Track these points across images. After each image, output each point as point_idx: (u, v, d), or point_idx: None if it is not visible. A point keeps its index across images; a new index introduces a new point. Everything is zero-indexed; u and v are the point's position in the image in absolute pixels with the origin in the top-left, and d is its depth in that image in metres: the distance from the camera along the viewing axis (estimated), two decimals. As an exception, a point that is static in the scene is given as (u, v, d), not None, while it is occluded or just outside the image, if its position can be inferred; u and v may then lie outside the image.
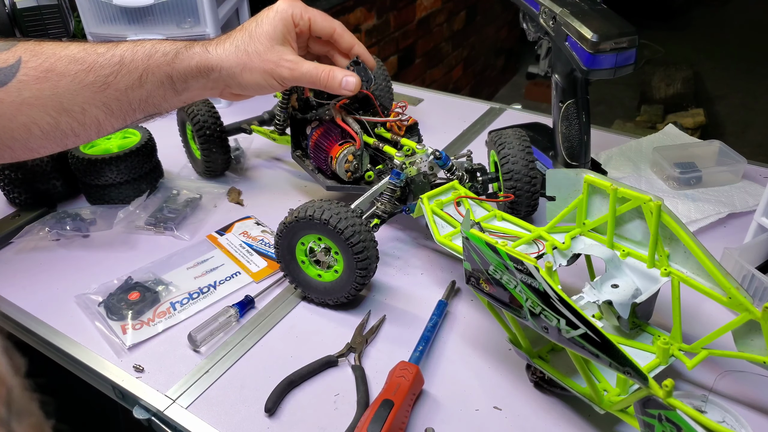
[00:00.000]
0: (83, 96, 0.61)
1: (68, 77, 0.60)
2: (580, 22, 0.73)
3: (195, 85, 0.66)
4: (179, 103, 0.68)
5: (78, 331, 0.70)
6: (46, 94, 0.60)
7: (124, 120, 0.66)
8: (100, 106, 0.63)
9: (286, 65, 0.66)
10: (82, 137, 0.64)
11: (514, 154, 0.75)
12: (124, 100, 0.64)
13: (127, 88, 0.63)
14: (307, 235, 0.67)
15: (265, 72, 0.66)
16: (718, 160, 0.93)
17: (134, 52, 0.63)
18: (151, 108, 0.66)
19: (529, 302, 0.50)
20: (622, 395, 0.51)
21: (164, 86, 0.65)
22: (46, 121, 0.61)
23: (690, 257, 0.57)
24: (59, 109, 0.61)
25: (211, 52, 0.65)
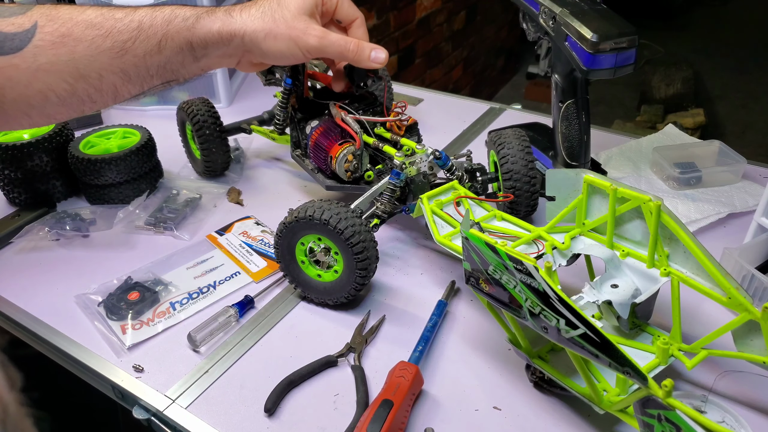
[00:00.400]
0: (100, 62, 0.60)
1: (85, 42, 0.59)
2: (580, 22, 0.73)
3: (215, 52, 0.65)
4: (197, 70, 0.66)
5: (78, 331, 0.70)
6: (63, 60, 0.59)
7: (141, 86, 0.64)
8: (117, 72, 0.61)
9: (313, 33, 0.65)
10: (99, 103, 0.63)
11: (513, 154, 0.75)
12: (142, 66, 0.62)
13: (146, 54, 0.62)
14: (307, 235, 0.67)
15: (290, 39, 0.65)
16: (718, 160, 0.93)
17: (153, 18, 0.62)
18: (169, 74, 0.65)
19: (528, 302, 0.50)
20: (621, 395, 0.51)
21: (183, 52, 0.63)
22: (62, 87, 0.60)
23: (690, 257, 0.57)
24: (76, 75, 0.60)
25: (234, 18, 0.64)
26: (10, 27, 0.57)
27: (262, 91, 1.25)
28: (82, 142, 0.91)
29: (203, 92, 1.19)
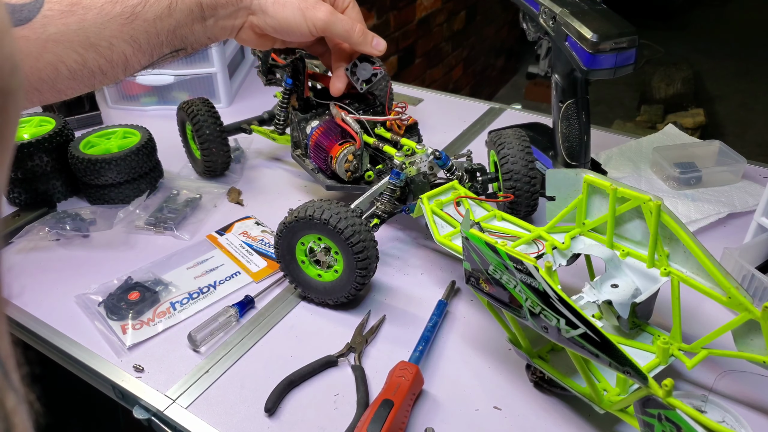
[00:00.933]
0: (110, 29, 0.59)
1: (94, 10, 0.58)
2: (580, 22, 0.73)
3: (222, 13, 0.64)
4: (204, 38, 0.66)
5: (78, 331, 0.70)
6: (72, 29, 0.58)
7: (151, 56, 0.64)
8: (127, 39, 0.61)
9: (322, 9, 0.65)
10: (110, 76, 0.63)
11: (513, 154, 0.75)
12: (152, 32, 0.62)
13: (156, 18, 0.61)
14: (307, 235, 0.67)
15: (299, 9, 0.65)
16: (718, 160, 0.93)
17: None
18: (179, 41, 0.64)
19: (528, 302, 0.50)
20: (621, 395, 0.51)
21: (193, 14, 0.63)
22: (73, 58, 0.59)
23: (690, 257, 0.57)
24: (86, 44, 0.59)
25: None
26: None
27: (263, 91, 1.25)
28: (83, 142, 0.91)
29: (203, 92, 1.19)
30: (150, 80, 1.17)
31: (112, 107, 1.22)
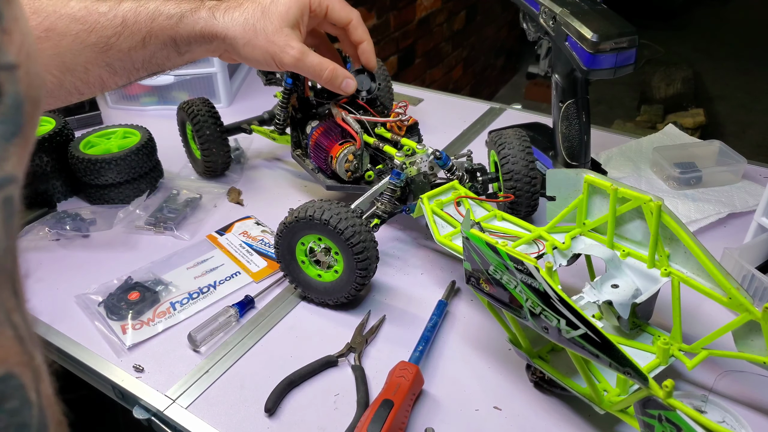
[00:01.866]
0: (85, 56, 0.60)
1: (69, 37, 0.59)
2: (580, 22, 0.73)
3: (198, 49, 0.66)
4: (182, 62, 0.67)
5: (78, 331, 0.70)
6: (48, 54, 0.59)
7: (128, 78, 0.65)
8: (103, 66, 0.62)
9: (290, 53, 0.65)
10: (87, 94, 0.64)
11: (514, 154, 0.75)
12: (128, 60, 0.63)
13: (130, 49, 0.62)
14: (307, 235, 0.67)
15: (267, 53, 0.65)
16: (718, 160, 0.93)
17: (137, 14, 0.62)
18: (155, 67, 0.66)
19: (529, 302, 0.50)
20: (622, 395, 0.51)
21: (167, 48, 0.64)
22: (49, 80, 0.60)
23: (690, 257, 0.57)
24: (62, 68, 0.60)
25: (217, 19, 0.64)
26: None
27: (263, 90, 1.25)
28: (83, 142, 0.91)
29: (203, 92, 1.19)
30: (150, 80, 1.17)
31: (112, 107, 1.22)
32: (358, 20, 0.72)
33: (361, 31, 0.72)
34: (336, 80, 0.69)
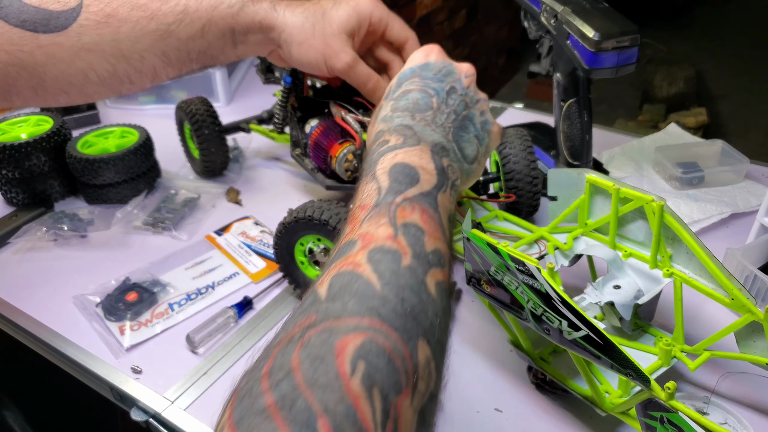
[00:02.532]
0: (143, 43, 0.61)
1: (129, 23, 0.59)
2: (582, 21, 0.73)
3: (253, 39, 0.66)
4: (234, 57, 0.67)
5: (75, 332, 0.69)
6: (106, 40, 0.59)
7: (180, 69, 0.65)
8: (159, 54, 0.62)
9: (344, 59, 0.65)
10: (137, 85, 0.64)
11: (515, 153, 0.75)
12: (183, 50, 0.63)
13: (188, 38, 0.62)
14: (307, 235, 0.67)
15: (322, 55, 0.65)
16: (721, 160, 0.93)
17: (199, 2, 0.62)
18: (208, 60, 0.66)
19: (530, 303, 0.49)
20: (623, 397, 0.51)
21: (225, 38, 0.64)
22: (103, 67, 0.60)
23: (692, 258, 0.56)
24: (118, 55, 0.60)
25: (278, 12, 0.65)
26: (56, 5, 0.58)
27: (261, 89, 1.24)
28: (80, 142, 0.91)
29: (202, 91, 1.19)
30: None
31: (109, 106, 1.22)
32: (414, 40, 0.71)
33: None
34: (378, 92, 0.69)
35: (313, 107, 0.84)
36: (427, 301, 0.36)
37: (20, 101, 0.60)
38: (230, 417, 0.30)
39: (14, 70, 0.57)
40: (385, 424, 0.30)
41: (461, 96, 0.55)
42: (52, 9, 0.57)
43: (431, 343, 0.35)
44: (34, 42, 0.57)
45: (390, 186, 0.43)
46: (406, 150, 0.47)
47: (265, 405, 0.29)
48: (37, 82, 0.59)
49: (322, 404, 0.29)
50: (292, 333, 0.33)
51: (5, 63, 0.56)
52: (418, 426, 0.33)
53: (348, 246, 0.39)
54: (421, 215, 0.41)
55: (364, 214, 0.42)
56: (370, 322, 0.33)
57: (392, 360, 0.32)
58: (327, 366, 0.30)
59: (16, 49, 0.56)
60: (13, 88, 0.58)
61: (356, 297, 0.34)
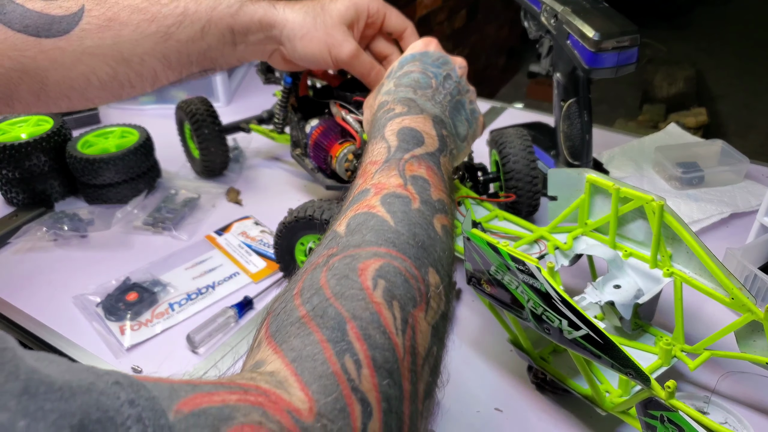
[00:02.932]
0: (144, 46, 0.61)
1: (130, 27, 0.60)
2: (582, 21, 0.73)
3: (253, 39, 0.66)
4: (234, 60, 0.68)
5: (76, 332, 0.69)
6: (108, 44, 0.60)
7: (180, 73, 0.66)
8: (159, 57, 0.63)
9: (348, 47, 0.67)
10: (138, 88, 0.65)
11: (515, 153, 0.75)
12: (184, 52, 0.64)
13: (188, 40, 0.63)
14: (307, 235, 0.67)
15: (325, 45, 0.66)
16: (721, 160, 0.93)
17: (198, 3, 0.63)
18: (208, 62, 0.66)
19: (530, 303, 0.49)
20: (624, 396, 0.51)
21: (224, 38, 0.65)
22: (104, 71, 0.61)
23: (692, 258, 0.56)
24: (119, 59, 0.61)
25: (277, 9, 0.66)
26: (58, 10, 0.58)
27: (262, 89, 1.24)
28: (80, 142, 0.91)
29: (202, 91, 1.19)
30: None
31: (110, 106, 1.22)
32: (412, 30, 0.72)
33: (414, 40, 0.72)
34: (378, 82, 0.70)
35: (313, 107, 0.84)
36: (435, 238, 0.41)
37: (22, 106, 0.61)
38: (267, 330, 0.34)
39: (17, 75, 0.58)
40: (404, 330, 0.34)
41: (455, 83, 0.59)
42: (54, 14, 0.58)
43: (439, 272, 0.40)
44: (37, 47, 0.57)
45: (399, 145, 0.48)
46: (411, 117, 0.51)
47: (300, 315, 0.33)
48: (40, 87, 0.59)
49: (349, 311, 0.33)
50: (317, 262, 0.38)
51: (8, 68, 0.57)
52: (432, 338, 0.37)
53: (362, 193, 0.44)
54: (427, 170, 0.46)
55: (375, 168, 0.46)
56: (386, 250, 0.38)
57: (407, 279, 0.37)
58: (352, 282, 0.35)
59: (18, 54, 0.57)
60: (15, 93, 0.59)
61: (373, 231, 0.39)
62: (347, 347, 0.32)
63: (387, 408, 0.31)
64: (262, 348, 0.34)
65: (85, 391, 0.23)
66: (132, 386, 0.25)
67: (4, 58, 0.56)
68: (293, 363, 0.31)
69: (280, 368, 0.31)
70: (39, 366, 0.23)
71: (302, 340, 0.32)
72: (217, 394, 0.27)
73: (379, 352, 0.32)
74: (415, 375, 0.34)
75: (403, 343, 0.34)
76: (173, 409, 0.25)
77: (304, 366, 0.31)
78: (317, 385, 0.30)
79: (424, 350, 0.36)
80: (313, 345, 0.32)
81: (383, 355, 0.32)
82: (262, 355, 0.33)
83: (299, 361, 0.31)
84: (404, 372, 0.33)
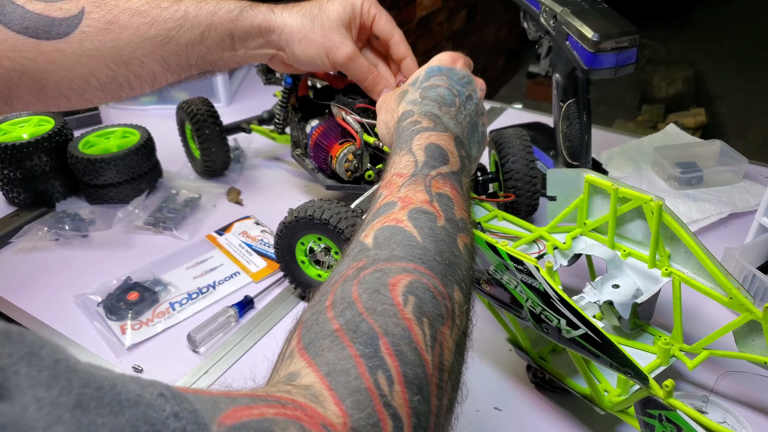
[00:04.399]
0: (143, 49, 0.62)
1: (130, 30, 0.61)
2: (581, 22, 0.73)
3: (252, 44, 0.67)
4: (233, 63, 0.68)
5: (77, 331, 0.70)
6: (107, 47, 0.60)
7: (179, 75, 0.66)
8: (158, 60, 0.63)
9: (345, 50, 0.67)
10: (137, 90, 0.65)
11: (514, 153, 0.75)
12: (183, 56, 0.64)
13: (188, 44, 0.63)
14: (307, 234, 0.67)
15: (323, 48, 0.67)
16: (720, 160, 0.93)
17: (198, 8, 0.63)
18: (207, 65, 0.67)
19: (529, 302, 0.49)
20: (622, 396, 0.51)
21: (224, 43, 0.65)
22: (104, 72, 0.61)
23: (691, 257, 0.57)
24: (118, 61, 0.61)
25: (276, 14, 0.66)
26: (57, 12, 0.59)
27: (262, 90, 1.24)
28: (82, 142, 0.91)
29: (203, 91, 1.19)
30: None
31: (111, 107, 1.22)
32: (400, 37, 0.72)
33: (403, 48, 0.73)
34: (377, 87, 0.71)
35: (314, 108, 0.85)
36: (459, 256, 0.42)
37: (21, 105, 0.61)
38: (299, 342, 0.35)
39: (16, 75, 0.58)
40: (433, 347, 0.35)
41: (475, 104, 0.59)
42: (54, 16, 0.58)
43: (463, 290, 0.41)
44: (37, 48, 0.58)
45: (426, 161, 0.48)
46: (437, 134, 0.51)
47: (333, 329, 0.34)
48: (39, 87, 0.60)
49: (382, 327, 0.34)
50: (346, 274, 0.38)
51: (7, 69, 0.57)
52: (455, 354, 0.38)
53: (388, 206, 0.44)
54: (451, 189, 0.47)
55: (402, 181, 0.47)
56: (415, 266, 0.38)
57: (436, 296, 0.37)
58: (383, 297, 0.35)
59: (18, 56, 0.57)
60: (14, 93, 0.59)
61: (401, 246, 0.40)
62: (380, 363, 0.32)
63: (416, 423, 0.32)
64: (295, 359, 0.34)
65: (132, 405, 0.24)
66: (176, 398, 0.26)
67: (4, 58, 0.57)
68: (327, 377, 0.32)
69: (314, 382, 0.32)
70: (89, 377, 0.24)
71: (336, 354, 0.33)
72: (255, 407, 0.28)
73: (410, 369, 0.33)
74: (441, 391, 0.35)
75: (432, 360, 0.35)
76: (216, 422, 0.26)
77: (338, 381, 0.31)
78: (351, 401, 0.30)
79: (449, 366, 0.36)
80: (346, 360, 0.32)
81: (414, 371, 0.33)
82: (295, 367, 0.34)
83: (333, 375, 0.32)
84: (432, 388, 0.34)
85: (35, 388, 0.21)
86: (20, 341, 0.22)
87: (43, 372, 0.22)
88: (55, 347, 0.24)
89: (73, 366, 0.23)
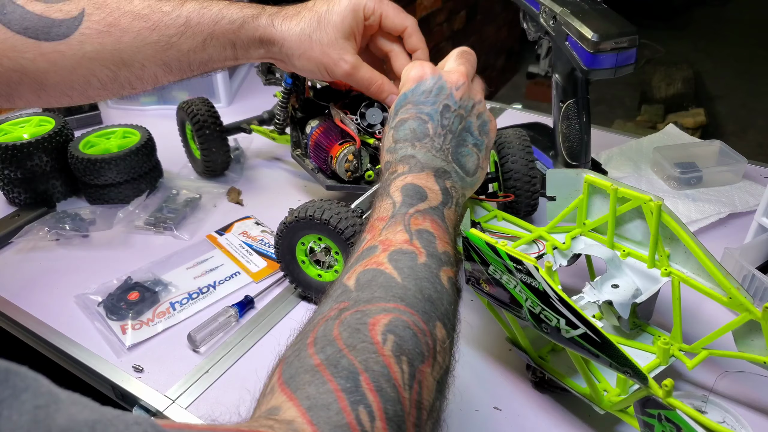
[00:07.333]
0: (144, 53, 0.61)
1: (131, 34, 0.60)
2: (581, 22, 0.73)
3: (254, 54, 0.67)
4: (236, 64, 0.69)
5: (77, 331, 0.70)
6: (108, 49, 0.60)
7: (180, 76, 0.66)
8: (160, 64, 0.63)
9: (344, 66, 0.65)
10: (138, 89, 0.65)
11: (514, 153, 0.75)
12: (185, 61, 0.64)
13: (190, 51, 0.63)
14: (308, 235, 0.67)
15: (321, 64, 0.65)
16: (719, 160, 0.93)
17: (200, 15, 0.62)
18: (209, 68, 0.67)
19: (528, 302, 0.50)
20: (622, 395, 0.51)
21: (226, 51, 0.65)
22: (105, 73, 0.61)
23: (690, 257, 0.57)
24: (119, 63, 0.61)
25: (276, 27, 0.65)
26: (57, 13, 0.59)
27: (262, 90, 1.25)
28: (82, 142, 0.91)
29: (203, 92, 1.19)
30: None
31: (111, 107, 1.22)
32: (413, 27, 0.69)
33: (416, 39, 0.69)
34: (382, 94, 0.69)
35: (314, 108, 0.85)
36: (442, 291, 0.43)
37: (22, 103, 0.62)
38: (280, 377, 0.36)
39: (16, 75, 0.58)
40: (411, 386, 0.35)
41: (455, 112, 0.56)
42: (54, 17, 0.58)
43: (446, 326, 0.41)
44: (36, 49, 0.58)
45: (403, 201, 0.49)
46: (413, 175, 0.52)
47: (314, 364, 0.35)
48: (39, 87, 0.60)
49: (362, 363, 0.34)
50: (328, 315, 0.39)
51: (7, 68, 0.57)
52: (436, 392, 0.38)
53: (370, 250, 0.45)
54: (432, 224, 0.47)
55: (383, 225, 0.48)
56: (395, 305, 0.39)
57: (416, 334, 0.38)
58: (363, 336, 0.36)
59: (18, 56, 0.57)
60: (15, 91, 0.59)
61: (382, 287, 0.40)
62: (361, 398, 0.33)
63: None
64: (276, 394, 0.34)
65: None
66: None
67: (3, 58, 0.57)
68: (309, 412, 0.32)
69: (296, 417, 0.32)
70: (69, 424, 0.24)
71: (317, 388, 0.33)
72: None
73: (390, 405, 0.33)
74: (419, 430, 0.35)
75: (410, 398, 0.35)
76: None
77: (319, 415, 0.31)
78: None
79: (428, 405, 0.37)
80: (327, 394, 0.33)
81: (394, 408, 0.34)
82: (276, 401, 0.34)
83: (314, 410, 0.32)
84: (409, 427, 0.34)
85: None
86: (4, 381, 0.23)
87: (24, 416, 0.23)
88: (37, 391, 0.24)
89: (53, 413, 0.24)
